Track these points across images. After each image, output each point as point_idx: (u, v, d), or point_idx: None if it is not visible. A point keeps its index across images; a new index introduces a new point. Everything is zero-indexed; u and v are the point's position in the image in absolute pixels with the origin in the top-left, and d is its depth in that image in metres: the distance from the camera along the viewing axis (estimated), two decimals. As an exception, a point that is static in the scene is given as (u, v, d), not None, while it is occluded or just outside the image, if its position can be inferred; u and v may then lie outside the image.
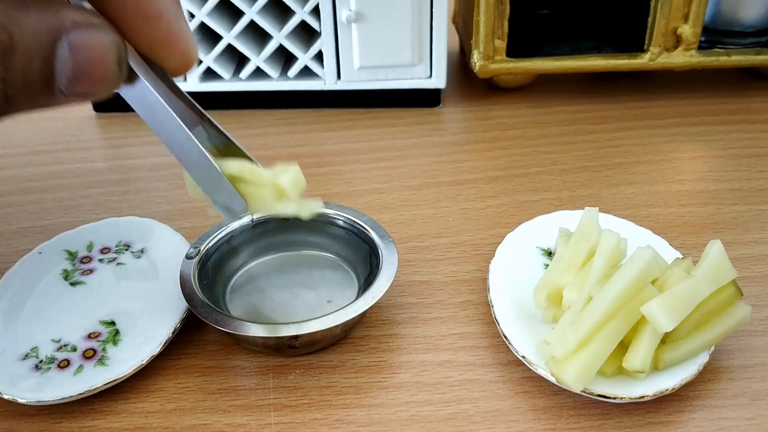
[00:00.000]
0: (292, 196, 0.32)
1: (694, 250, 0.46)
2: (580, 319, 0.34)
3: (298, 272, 0.45)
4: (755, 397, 0.36)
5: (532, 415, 0.35)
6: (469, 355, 0.39)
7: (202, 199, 0.32)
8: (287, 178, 0.32)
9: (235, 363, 0.39)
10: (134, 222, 0.48)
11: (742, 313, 0.36)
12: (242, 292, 0.43)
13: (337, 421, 0.35)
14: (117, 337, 0.39)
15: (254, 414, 0.36)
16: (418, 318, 0.42)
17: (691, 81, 0.73)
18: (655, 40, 0.64)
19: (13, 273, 0.43)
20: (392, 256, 0.40)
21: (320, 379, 0.38)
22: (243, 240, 0.45)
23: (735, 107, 0.69)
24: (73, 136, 0.66)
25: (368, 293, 0.37)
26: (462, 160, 0.60)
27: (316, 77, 0.67)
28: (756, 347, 0.39)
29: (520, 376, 0.37)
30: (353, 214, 0.44)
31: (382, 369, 0.38)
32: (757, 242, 0.48)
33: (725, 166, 0.58)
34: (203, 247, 0.42)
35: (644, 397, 0.34)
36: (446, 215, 0.52)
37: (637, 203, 0.53)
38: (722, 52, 0.66)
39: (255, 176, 0.31)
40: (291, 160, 0.63)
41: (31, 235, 0.50)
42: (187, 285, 0.39)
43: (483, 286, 0.44)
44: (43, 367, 0.37)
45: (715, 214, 0.51)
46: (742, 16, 0.69)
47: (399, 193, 0.55)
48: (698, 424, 0.34)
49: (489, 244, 0.48)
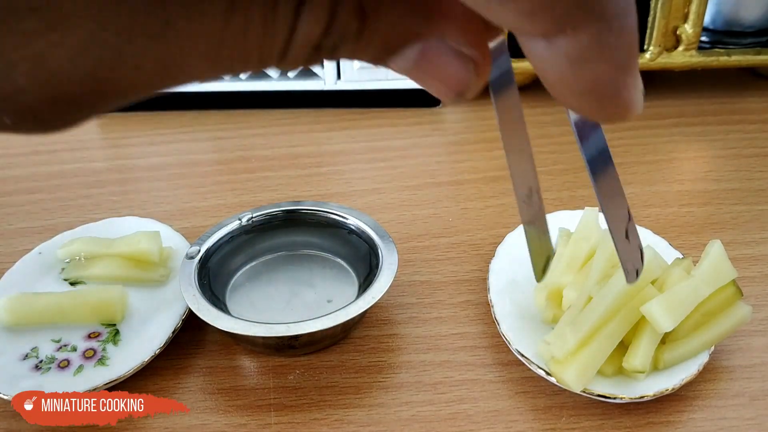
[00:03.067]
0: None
1: (694, 250, 0.46)
2: (580, 319, 0.34)
3: (298, 272, 0.45)
4: (755, 397, 0.36)
5: (532, 415, 0.35)
6: (469, 355, 0.39)
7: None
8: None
9: (235, 363, 0.39)
10: (134, 222, 0.48)
11: (742, 313, 0.36)
12: (242, 291, 0.43)
13: (337, 421, 0.35)
14: (117, 337, 0.39)
15: (254, 414, 0.36)
16: (418, 318, 0.42)
17: (691, 81, 0.73)
18: (655, 40, 0.64)
19: (13, 273, 0.43)
20: (392, 256, 0.40)
21: (320, 379, 0.38)
22: (243, 240, 0.45)
23: (735, 107, 0.69)
24: (73, 136, 0.66)
25: (368, 293, 0.37)
26: (462, 160, 0.60)
27: (316, 77, 0.67)
28: (756, 347, 0.39)
29: (520, 376, 0.37)
30: (353, 213, 0.44)
31: (382, 369, 0.38)
32: (757, 242, 0.48)
33: (725, 166, 0.58)
34: (203, 247, 0.42)
35: (644, 397, 0.34)
36: (446, 215, 0.52)
37: (637, 203, 0.53)
38: (722, 52, 0.66)
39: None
40: (291, 160, 0.63)
41: (31, 235, 0.50)
42: (188, 285, 0.39)
43: (483, 286, 0.44)
44: (43, 367, 0.37)
45: (715, 214, 0.51)
46: (742, 16, 0.69)
47: (399, 193, 0.55)
48: (698, 424, 0.34)
49: (489, 244, 0.48)
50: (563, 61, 0.13)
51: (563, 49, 0.13)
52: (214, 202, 0.55)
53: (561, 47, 0.13)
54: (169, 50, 0.13)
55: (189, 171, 0.60)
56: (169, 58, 0.13)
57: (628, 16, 0.13)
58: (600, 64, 0.13)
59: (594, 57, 0.13)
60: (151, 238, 0.43)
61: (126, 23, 0.12)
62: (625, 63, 0.13)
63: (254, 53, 0.13)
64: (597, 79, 0.13)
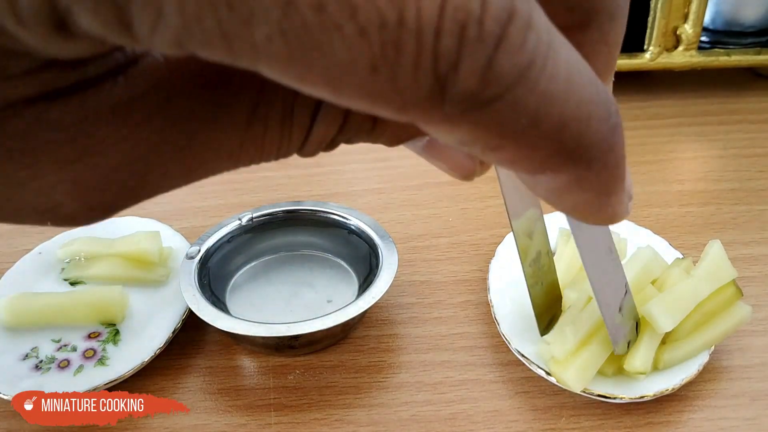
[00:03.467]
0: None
1: (694, 250, 0.46)
2: (580, 318, 0.34)
3: (298, 272, 0.45)
4: (755, 397, 0.36)
5: (532, 415, 0.35)
6: (469, 355, 0.39)
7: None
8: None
9: (235, 363, 0.39)
10: (134, 222, 0.48)
11: (742, 313, 0.36)
12: (242, 291, 0.43)
13: (337, 421, 0.35)
14: (117, 337, 0.39)
15: (254, 414, 0.36)
16: (418, 318, 0.42)
17: (691, 81, 0.73)
18: (655, 40, 0.64)
19: (13, 273, 0.43)
20: (392, 256, 0.40)
21: (320, 379, 0.38)
22: (243, 240, 0.45)
23: (735, 107, 0.69)
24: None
25: (368, 293, 0.37)
26: (462, 160, 0.60)
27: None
28: (756, 347, 0.39)
29: (520, 376, 0.37)
30: (353, 213, 0.44)
31: (382, 369, 0.38)
32: (757, 242, 0.48)
33: (725, 166, 0.58)
34: (203, 247, 0.42)
35: (644, 397, 0.34)
36: (446, 215, 0.52)
37: (637, 203, 0.53)
38: (722, 52, 0.66)
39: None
40: (291, 160, 0.63)
41: (31, 235, 0.50)
42: (188, 285, 0.39)
43: (483, 286, 0.44)
44: (43, 367, 0.37)
45: (715, 214, 0.51)
46: (742, 16, 0.69)
47: (399, 193, 0.55)
48: (698, 424, 0.34)
49: (489, 244, 0.48)
50: (544, 190, 0.13)
51: (545, 183, 0.13)
52: (214, 202, 0.55)
53: (543, 181, 0.13)
54: (194, 158, 0.14)
55: (189, 171, 0.60)
56: (194, 164, 0.14)
57: (610, 154, 0.13)
58: (580, 193, 0.13)
59: (574, 189, 0.13)
60: (151, 238, 0.43)
61: (155, 140, 0.13)
62: (607, 191, 0.13)
63: (273, 152, 0.15)
64: (579, 202, 0.13)
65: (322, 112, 0.14)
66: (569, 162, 0.12)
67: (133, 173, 0.13)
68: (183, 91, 0.13)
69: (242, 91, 0.13)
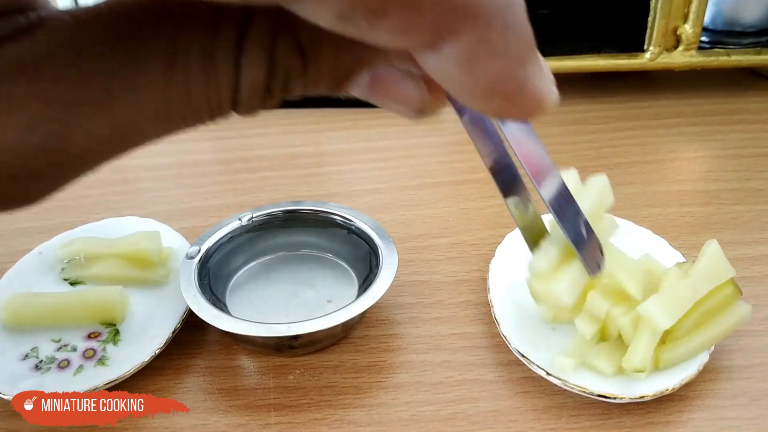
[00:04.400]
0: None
1: (694, 250, 0.46)
2: (559, 238, 0.32)
3: (297, 272, 0.45)
4: (755, 397, 0.36)
5: (532, 415, 0.35)
6: (469, 355, 0.39)
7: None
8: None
9: (235, 363, 0.39)
10: (134, 222, 0.48)
11: (742, 312, 0.36)
12: (242, 291, 0.43)
13: (337, 421, 0.35)
14: (117, 337, 0.39)
15: (254, 414, 0.36)
16: (418, 318, 0.42)
17: (691, 81, 0.73)
18: (655, 40, 0.64)
19: (13, 273, 0.43)
20: (392, 256, 0.40)
21: (320, 379, 0.38)
22: (243, 240, 0.45)
23: (735, 107, 0.69)
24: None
25: (368, 293, 0.37)
26: (462, 160, 0.60)
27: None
28: (756, 347, 0.39)
29: (520, 376, 0.37)
30: (353, 214, 0.44)
31: (382, 369, 0.38)
32: (757, 242, 0.48)
33: (725, 166, 0.58)
34: (203, 247, 0.42)
35: (644, 397, 0.34)
36: (446, 215, 0.52)
37: (637, 203, 0.53)
38: (722, 52, 0.66)
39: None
40: (291, 160, 0.63)
41: (31, 235, 0.50)
42: (188, 285, 0.39)
43: (483, 286, 0.44)
44: (43, 367, 0.37)
45: (715, 214, 0.51)
46: (742, 16, 0.69)
47: (399, 193, 0.55)
48: (698, 424, 0.34)
49: (489, 244, 0.48)
50: (455, 65, 0.13)
51: (451, 55, 0.12)
52: (214, 202, 0.55)
53: (449, 54, 0.12)
54: (117, 115, 0.13)
55: (189, 171, 0.60)
56: (119, 122, 0.13)
57: (509, 12, 0.12)
58: (491, 61, 0.13)
59: (482, 55, 0.12)
60: (151, 238, 0.43)
61: (69, 98, 0.13)
62: (519, 56, 0.13)
63: (203, 106, 0.14)
64: (494, 75, 0.13)
65: (245, 53, 0.13)
66: (465, 20, 0.12)
67: (52, 135, 0.13)
68: (94, 47, 0.13)
69: (155, 38, 0.13)
